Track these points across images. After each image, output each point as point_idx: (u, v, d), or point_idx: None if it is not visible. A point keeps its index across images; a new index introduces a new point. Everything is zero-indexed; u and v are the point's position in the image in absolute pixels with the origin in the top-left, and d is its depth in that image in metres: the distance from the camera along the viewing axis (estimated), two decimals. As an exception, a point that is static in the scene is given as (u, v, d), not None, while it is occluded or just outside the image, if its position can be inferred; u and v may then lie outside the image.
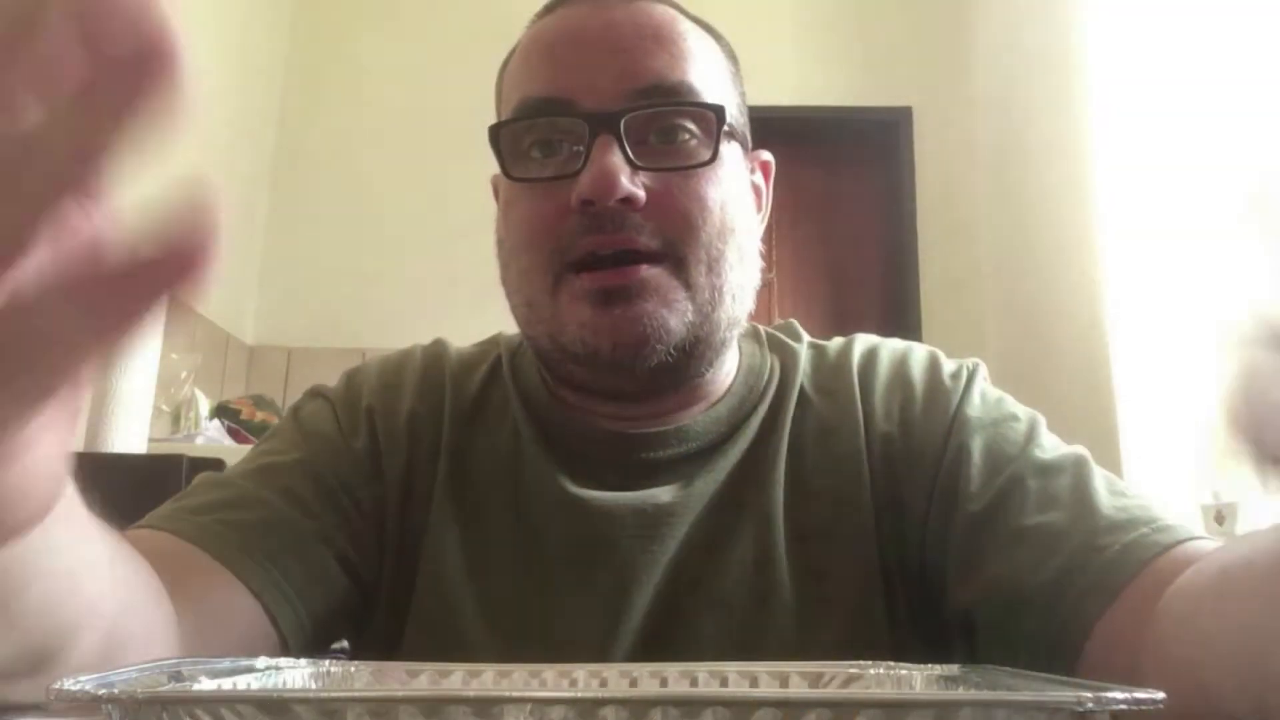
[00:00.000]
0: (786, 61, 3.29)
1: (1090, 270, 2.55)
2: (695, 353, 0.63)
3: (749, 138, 0.69)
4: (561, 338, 0.61)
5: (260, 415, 2.36)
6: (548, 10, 0.67)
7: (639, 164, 0.60)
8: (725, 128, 0.62)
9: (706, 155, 0.61)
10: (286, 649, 0.59)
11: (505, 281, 0.66)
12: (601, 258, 0.60)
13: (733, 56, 0.69)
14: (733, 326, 0.65)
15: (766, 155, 0.72)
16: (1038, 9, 2.97)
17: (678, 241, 0.60)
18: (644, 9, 0.64)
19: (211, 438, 2.22)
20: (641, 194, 0.59)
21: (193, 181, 0.22)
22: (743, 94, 0.69)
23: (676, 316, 0.60)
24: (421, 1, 3.49)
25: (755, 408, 0.68)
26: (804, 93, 3.22)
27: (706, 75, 0.63)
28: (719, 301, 0.62)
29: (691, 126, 0.62)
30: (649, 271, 0.60)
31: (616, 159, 0.59)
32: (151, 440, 1.85)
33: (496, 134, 0.63)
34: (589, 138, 0.59)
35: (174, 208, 0.22)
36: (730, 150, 0.64)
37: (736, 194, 0.64)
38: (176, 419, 2.30)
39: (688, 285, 0.61)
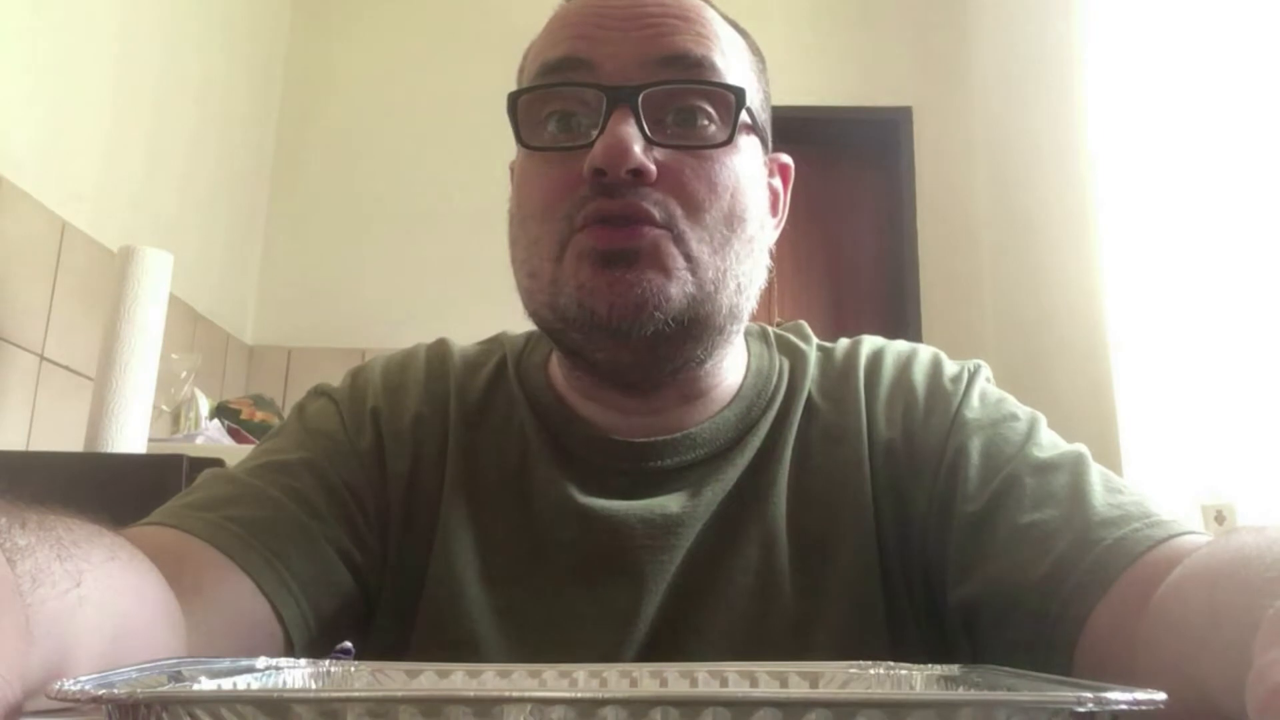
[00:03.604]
0: (786, 61, 3.29)
1: (1090, 271, 2.54)
2: (693, 332, 0.62)
3: (770, 138, 0.69)
4: (559, 301, 0.61)
5: (260, 415, 2.36)
6: None
7: (653, 139, 0.60)
8: (744, 115, 0.62)
9: (723, 138, 0.61)
10: (291, 648, 0.59)
11: (514, 258, 0.66)
12: (607, 219, 0.59)
13: (758, 54, 0.69)
14: (735, 318, 0.64)
15: (786, 159, 0.71)
16: (1037, 9, 2.97)
17: (683, 217, 0.60)
18: None
19: (211, 438, 2.21)
20: (653, 168, 0.59)
21: None
22: (767, 93, 0.69)
23: (676, 285, 0.59)
24: (421, 1, 3.49)
25: (763, 414, 0.68)
26: (804, 93, 3.22)
27: (730, 58, 0.63)
28: (722, 283, 0.61)
29: (710, 109, 0.61)
30: (653, 233, 0.59)
31: (631, 130, 0.58)
32: (151, 440, 1.85)
33: (514, 103, 0.63)
34: (605, 109, 0.59)
35: None
36: (748, 142, 0.64)
37: (750, 185, 0.64)
38: (176, 419, 2.30)
39: (689, 257, 0.60)
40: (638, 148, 0.58)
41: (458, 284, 3.13)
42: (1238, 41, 2.25)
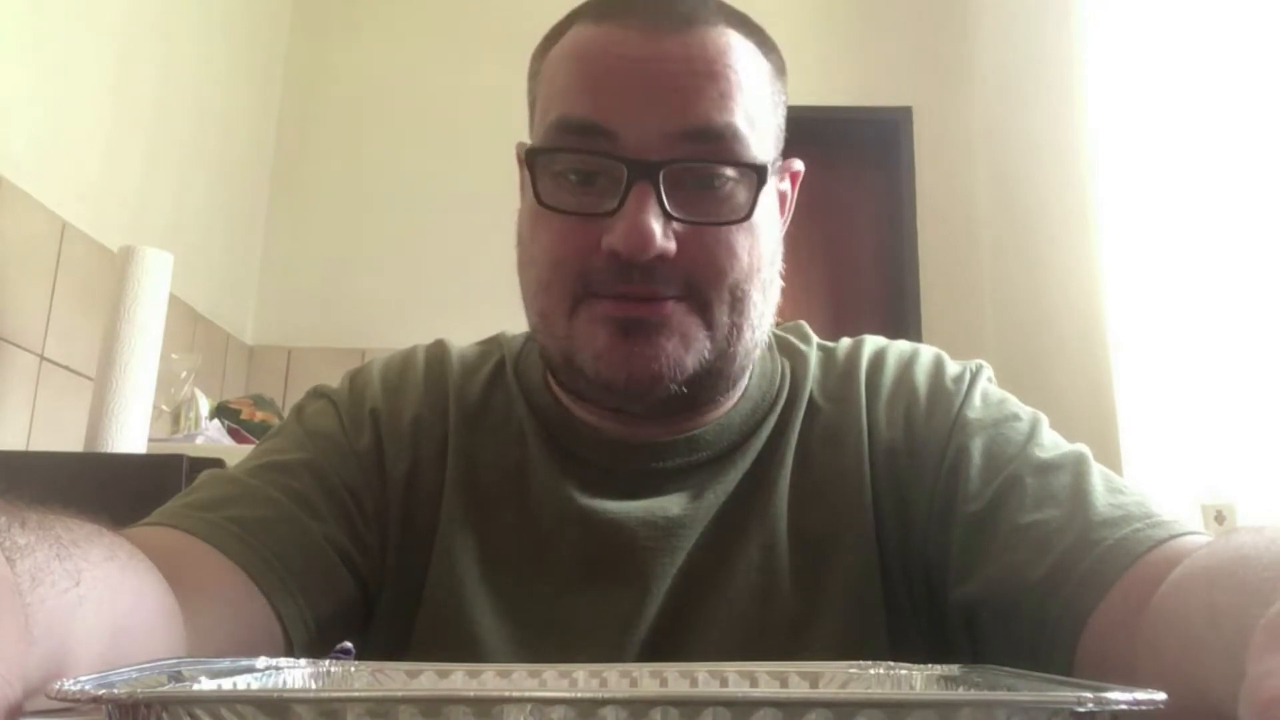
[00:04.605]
0: (786, 61, 3.28)
1: (1090, 270, 2.54)
2: (707, 383, 0.63)
3: (782, 148, 0.68)
4: (575, 359, 0.61)
5: (260, 415, 2.36)
6: (595, 17, 0.63)
7: (673, 214, 0.59)
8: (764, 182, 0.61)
9: (742, 206, 0.60)
10: (290, 648, 0.59)
11: (522, 284, 0.66)
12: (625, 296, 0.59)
13: (782, 69, 0.67)
14: (749, 355, 0.65)
15: (798, 165, 0.70)
16: (1037, 9, 2.97)
17: (703, 286, 0.60)
18: (698, 40, 0.60)
19: (211, 438, 2.21)
20: (673, 248, 0.58)
21: None
22: (784, 104, 0.68)
23: (694, 355, 0.60)
24: (422, 1, 3.48)
25: (766, 417, 0.68)
26: (804, 93, 3.20)
27: (754, 113, 0.61)
28: (738, 338, 0.62)
29: (731, 172, 0.60)
30: (672, 308, 0.60)
31: (653, 214, 0.57)
32: (151, 440, 1.84)
33: (532, 155, 0.62)
34: (626, 182, 0.58)
35: None
36: (765, 190, 0.62)
37: (766, 233, 0.63)
38: (176, 419, 2.30)
39: (709, 324, 0.61)
40: (658, 231, 0.57)
41: (458, 284, 3.13)
42: (1238, 41, 2.25)
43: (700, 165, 0.60)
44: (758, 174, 0.60)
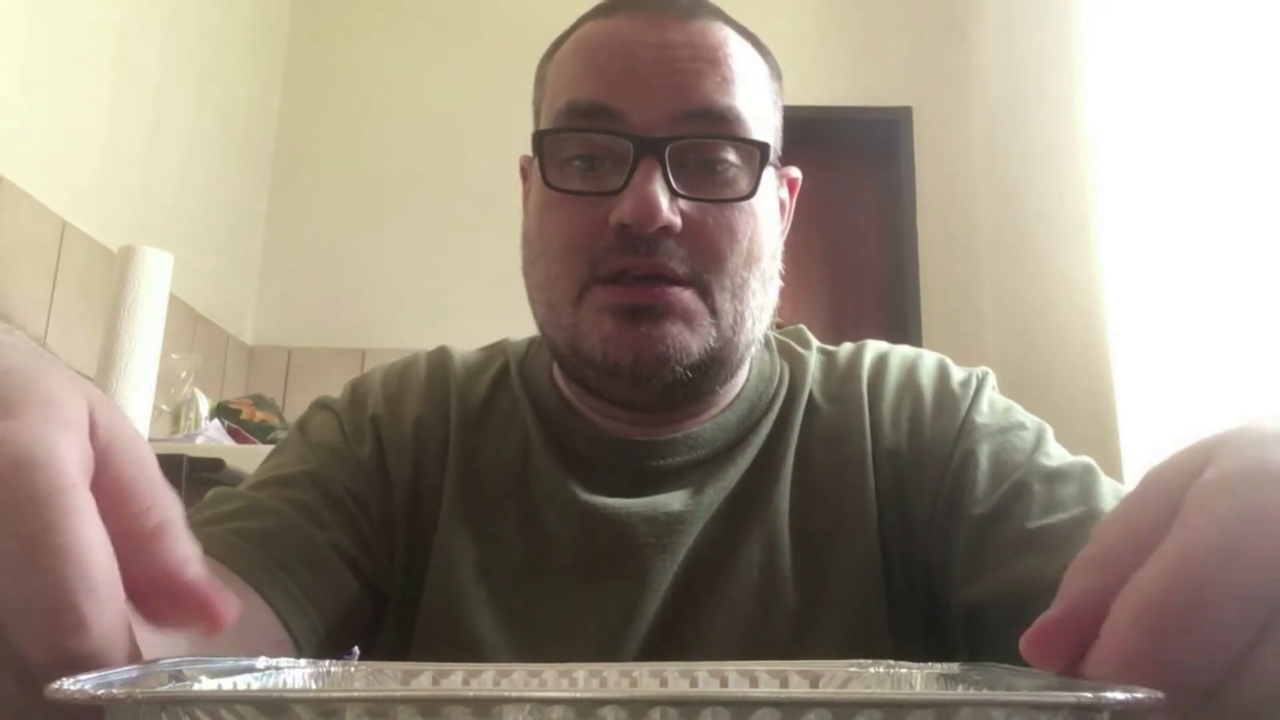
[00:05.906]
0: (786, 61, 3.26)
1: (1090, 270, 2.55)
2: (711, 372, 0.64)
3: (780, 156, 0.69)
4: (581, 346, 0.62)
5: (260, 415, 2.36)
6: (603, 13, 0.66)
7: (679, 191, 0.60)
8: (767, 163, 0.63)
9: (745, 189, 0.62)
10: (300, 656, 0.59)
11: (527, 275, 0.67)
12: (631, 276, 0.61)
13: (778, 74, 0.69)
14: (750, 346, 0.66)
15: (795, 173, 0.72)
16: (1037, 9, 2.97)
17: (705, 269, 0.61)
18: (699, 29, 0.63)
19: (211, 438, 2.21)
20: (679, 222, 0.60)
21: None
22: (781, 108, 0.69)
23: (699, 340, 0.61)
24: (422, 0, 3.49)
25: (764, 415, 0.68)
26: (804, 93, 3.21)
27: (754, 102, 0.64)
28: (740, 326, 0.63)
29: (733, 156, 0.62)
30: (678, 294, 0.61)
31: (659, 186, 0.59)
32: (151, 440, 1.85)
33: (540, 141, 0.63)
34: (633, 159, 0.60)
35: None
36: (766, 177, 0.64)
37: (766, 222, 0.65)
38: (176, 419, 2.30)
39: (714, 311, 0.62)
40: (665, 204, 0.59)
41: (458, 284, 3.14)
42: (1238, 40, 2.25)
43: (705, 142, 0.61)
44: (760, 151, 0.62)
